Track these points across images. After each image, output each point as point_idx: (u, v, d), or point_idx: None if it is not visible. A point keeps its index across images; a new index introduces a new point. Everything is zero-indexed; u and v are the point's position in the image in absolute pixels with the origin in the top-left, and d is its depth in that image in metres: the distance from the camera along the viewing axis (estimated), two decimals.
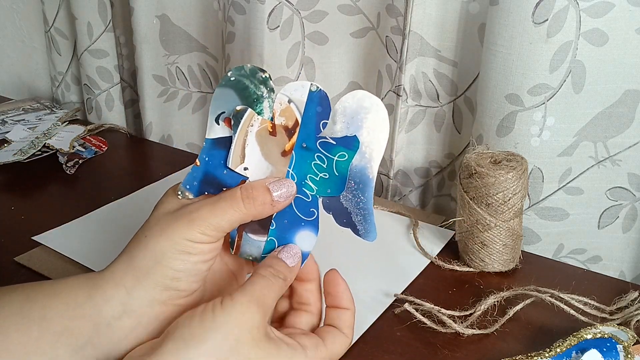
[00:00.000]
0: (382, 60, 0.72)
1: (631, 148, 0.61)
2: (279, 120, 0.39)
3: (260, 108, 0.39)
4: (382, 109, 0.38)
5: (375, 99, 0.38)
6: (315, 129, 0.39)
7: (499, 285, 0.54)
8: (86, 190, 0.75)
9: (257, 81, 0.39)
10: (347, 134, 0.38)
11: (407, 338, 0.48)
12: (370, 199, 0.39)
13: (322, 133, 0.39)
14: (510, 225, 0.55)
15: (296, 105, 0.39)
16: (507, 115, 0.60)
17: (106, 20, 0.90)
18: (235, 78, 0.39)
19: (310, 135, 0.39)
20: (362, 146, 0.38)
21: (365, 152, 0.38)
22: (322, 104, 0.39)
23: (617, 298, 0.51)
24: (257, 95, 0.39)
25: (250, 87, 0.39)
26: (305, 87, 0.38)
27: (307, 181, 0.39)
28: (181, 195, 0.39)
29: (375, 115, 0.38)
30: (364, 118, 0.38)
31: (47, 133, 0.85)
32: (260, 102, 0.39)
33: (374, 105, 0.38)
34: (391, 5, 0.68)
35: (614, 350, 0.42)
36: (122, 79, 0.97)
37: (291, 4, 0.73)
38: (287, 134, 0.39)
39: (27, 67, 1.10)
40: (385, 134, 0.38)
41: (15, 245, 0.60)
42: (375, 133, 0.38)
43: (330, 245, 0.52)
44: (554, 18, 0.55)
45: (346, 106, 0.38)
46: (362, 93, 0.38)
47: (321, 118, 0.39)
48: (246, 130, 0.39)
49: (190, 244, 0.36)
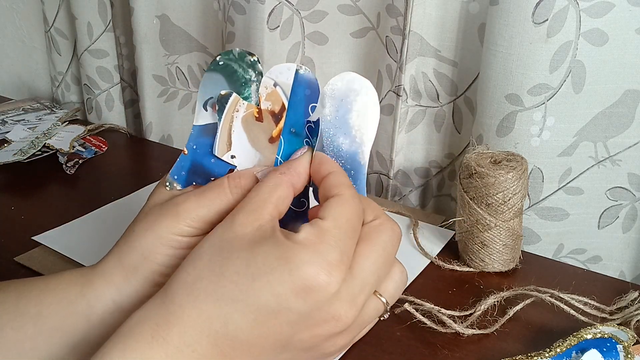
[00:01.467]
0: (382, 60, 0.72)
1: (631, 148, 0.61)
2: (265, 105, 0.37)
3: (248, 92, 0.37)
4: (372, 91, 0.36)
5: (365, 81, 0.36)
6: (303, 113, 0.37)
7: (499, 285, 0.54)
8: (86, 190, 0.75)
9: (245, 65, 0.37)
10: (336, 117, 0.36)
11: (407, 338, 0.48)
12: (363, 186, 0.37)
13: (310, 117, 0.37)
14: (510, 225, 0.55)
15: (282, 88, 0.37)
16: (507, 115, 0.60)
17: (106, 20, 0.90)
18: (224, 62, 0.37)
19: (299, 120, 0.37)
20: (352, 130, 0.36)
21: (356, 137, 0.36)
22: (311, 86, 0.37)
23: (617, 298, 0.51)
24: (245, 79, 0.37)
25: (238, 71, 0.37)
26: (291, 70, 0.37)
27: None
28: (169, 186, 0.38)
29: (365, 97, 0.36)
30: (354, 101, 0.36)
31: (47, 133, 0.85)
32: (248, 86, 0.37)
33: (363, 87, 0.36)
34: (391, 5, 0.68)
35: (614, 350, 0.42)
36: (122, 79, 0.97)
37: (291, 4, 0.73)
38: (273, 119, 0.37)
39: (27, 67, 1.10)
40: (376, 117, 0.36)
41: (15, 245, 0.60)
42: (365, 116, 0.36)
43: None
44: (554, 18, 0.55)
45: (335, 88, 0.37)
46: (352, 75, 0.36)
47: (310, 101, 0.37)
48: (232, 116, 0.37)
49: (177, 238, 0.35)
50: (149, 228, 0.35)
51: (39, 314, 0.35)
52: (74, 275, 0.37)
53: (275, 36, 0.73)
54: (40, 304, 0.35)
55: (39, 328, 0.34)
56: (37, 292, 0.36)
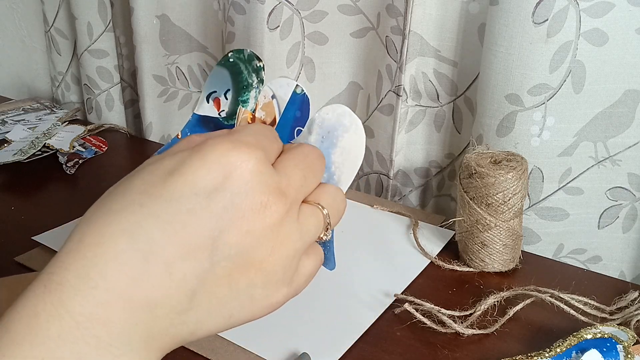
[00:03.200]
0: (382, 60, 0.72)
1: (631, 148, 0.61)
2: (259, 114, 0.37)
3: (247, 96, 0.37)
4: (361, 131, 0.35)
5: (356, 118, 0.35)
6: (289, 134, 0.36)
7: (499, 285, 0.54)
8: (86, 190, 0.75)
9: (251, 68, 0.37)
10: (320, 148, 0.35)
11: (407, 338, 0.48)
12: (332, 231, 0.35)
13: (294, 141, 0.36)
14: (510, 225, 0.55)
15: (278, 102, 0.37)
16: (507, 115, 0.60)
17: (106, 20, 0.90)
18: (234, 60, 0.37)
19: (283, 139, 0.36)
20: (332, 166, 0.35)
21: (334, 174, 0.35)
22: (302, 109, 0.36)
23: (617, 298, 0.51)
24: (247, 82, 0.37)
25: (244, 72, 0.37)
26: (290, 86, 0.36)
27: None
28: None
29: (353, 136, 0.35)
30: (340, 136, 0.35)
31: (47, 133, 0.85)
32: (248, 90, 0.37)
33: (353, 125, 0.34)
34: (391, 5, 0.68)
35: (614, 350, 0.42)
36: (122, 79, 0.97)
37: (291, 4, 0.73)
38: None
39: (27, 67, 1.10)
40: (359, 158, 0.35)
41: (15, 245, 0.60)
42: (349, 155, 0.35)
43: None
44: (554, 18, 0.55)
45: (325, 118, 0.35)
46: (344, 109, 0.35)
47: (297, 124, 0.36)
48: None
49: None
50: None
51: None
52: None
53: (275, 36, 0.73)
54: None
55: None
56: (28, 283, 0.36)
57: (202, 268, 0.25)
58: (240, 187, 0.26)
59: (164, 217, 0.24)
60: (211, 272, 0.25)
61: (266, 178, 0.26)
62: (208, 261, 0.25)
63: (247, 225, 0.26)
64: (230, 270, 0.26)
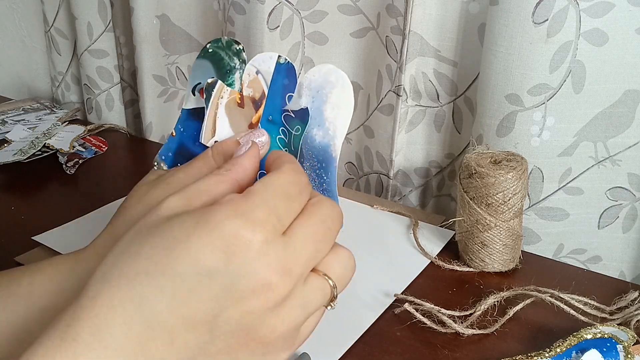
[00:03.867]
0: (382, 60, 0.72)
1: (631, 148, 0.61)
2: (247, 92, 0.38)
3: (232, 79, 0.38)
4: (348, 85, 0.36)
5: (342, 73, 0.36)
6: (281, 102, 0.38)
7: (499, 285, 0.54)
8: (86, 190, 0.75)
9: (231, 53, 0.38)
10: (311, 107, 0.37)
11: (407, 338, 0.48)
12: (334, 180, 0.38)
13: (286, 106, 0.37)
14: (510, 225, 0.55)
15: (264, 76, 0.38)
16: (507, 115, 0.60)
17: (106, 20, 0.90)
18: (213, 50, 0.38)
19: (276, 109, 0.38)
20: (325, 122, 0.37)
21: (329, 129, 0.37)
22: (289, 76, 0.37)
23: (617, 298, 0.51)
24: (230, 66, 0.38)
25: (225, 58, 0.38)
26: (273, 59, 0.37)
27: None
28: (157, 165, 0.39)
29: (341, 90, 0.36)
30: (329, 93, 0.37)
31: (47, 133, 0.85)
32: (233, 73, 0.38)
33: (339, 80, 0.36)
34: (391, 5, 0.68)
35: (614, 350, 0.42)
36: (122, 79, 0.97)
37: (291, 4, 0.73)
38: (254, 106, 0.38)
39: (27, 67, 1.10)
40: (350, 110, 0.36)
41: (15, 245, 0.60)
42: (339, 109, 0.36)
43: None
44: (554, 18, 0.55)
45: (312, 79, 0.37)
46: (329, 67, 0.37)
47: (287, 91, 0.37)
48: (217, 103, 0.38)
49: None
50: (140, 200, 0.36)
51: (30, 294, 0.34)
52: (65, 256, 0.37)
53: (275, 36, 0.73)
54: (32, 284, 0.35)
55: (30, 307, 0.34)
56: (29, 274, 0.36)
57: (203, 340, 0.27)
58: (242, 268, 0.26)
59: (168, 292, 0.26)
60: (212, 343, 0.27)
61: (271, 259, 0.27)
62: (209, 334, 0.27)
63: (247, 306, 0.27)
64: (231, 344, 0.27)
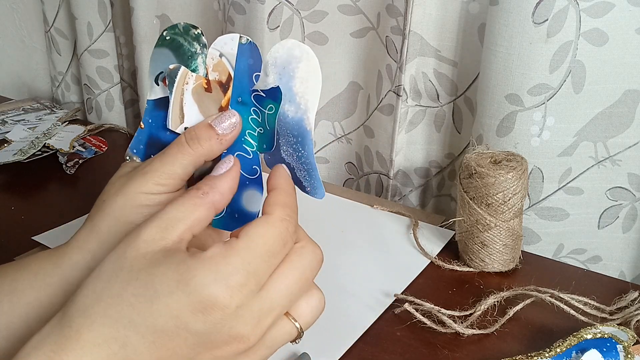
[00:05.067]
0: (382, 60, 0.72)
1: (631, 148, 0.61)
2: (212, 76, 0.38)
3: (195, 65, 0.38)
4: (313, 57, 0.36)
5: (305, 47, 0.36)
6: (248, 82, 0.37)
7: (499, 285, 0.54)
8: (86, 190, 0.75)
9: (190, 38, 0.38)
10: (279, 85, 0.37)
11: (407, 338, 0.48)
12: (311, 152, 0.37)
13: (255, 86, 0.37)
14: (510, 225, 0.55)
15: (228, 59, 0.38)
16: (507, 115, 0.60)
17: (106, 20, 0.90)
18: (170, 37, 0.39)
19: (245, 89, 0.37)
20: (296, 97, 0.36)
21: (300, 103, 0.36)
22: (253, 55, 0.37)
23: (617, 298, 0.51)
24: (191, 52, 0.38)
25: (184, 44, 0.38)
26: (234, 40, 0.37)
27: (246, 137, 0.38)
28: (129, 159, 0.39)
29: (307, 63, 0.36)
30: (296, 68, 0.36)
31: (47, 133, 0.85)
32: (195, 58, 0.38)
33: (304, 53, 0.36)
34: (391, 5, 0.68)
35: (614, 350, 0.42)
36: (122, 79, 0.97)
37: (291, 4, 0.73)
38: (222, 89, 0.38)
39: (27, 67, 1.10)
40: (318, 82, 0.36)
41: (15, 245, 0.60)
42: (308, 82, 0.36)
43: (330, 245, 0.52)
44: (554, 18, 0.55)
45: (277, 56, 0.37)
46: (292, 42, 0.36)
47: (253, 70, 0.37)
48: (182, 89, 0.38)
49: (145, 196, 0.35)
50: (118, 192, 0.36)
51: (14, 290, 0.35)
52: (48, 251, 0.37)
53: (275, 36, 0.73)
54: (15, 280, 0.35)
55: (14, 304, 0.34)
56: (13, 271, 0.36)
57: None
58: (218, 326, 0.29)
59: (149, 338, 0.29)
60: None
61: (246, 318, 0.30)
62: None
63: (220, 352, 0.30)
64: None
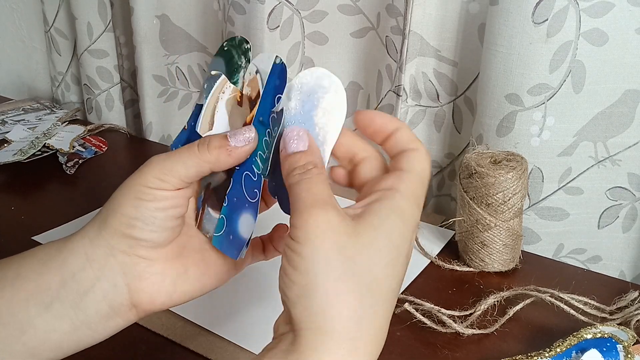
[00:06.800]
0: (382, 60, 0.72)
1: (631, 148, 0.61)
2: (246, 90, 0.38)
3: (237, 77, 0.39)
4: (341, 91, 0.35)
5: (335, 79, 0.35)
6: (270, 103, 0.36)
7: (499, 285, 0.54)
8: (86, 190, 0.75)
9: (240, 51, 0.39)
10: (301, 112, 0.36)
11: (407, 338, 0.48)
12: None
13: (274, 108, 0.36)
14: (510, 225, 0.55)
15: (262, 76, 0.37)
16: (507, 115, 0.60)
17: (106, 20, 0.90)
18: (227, 48, 0.39)
19: (266, 110, 0.37)
20: (315, 127, 0.35)
21: (319, 134, 0.35)
22: (281, 77, 0.36)
23: (617, 298, 0.51)
24: (237, 65, 0.39)
25: (235, 57, 0.39)
26: (271, 59, 0.37)
27: (256, 158, 0.37)
28: None
29: (334, 96, 0.35)
30: (321, 98, 0.35)
31: (47, 133, 0.85)
32: (239, 72, 0.38)
33: (333, 85, 0.35)
34: (391, 5, 0.68)
35: (614, 350, 0.42)
36: (122, 79, 0.97)
37: (291, 4, 0.73)
38: (250, 105, 0.37)
39: (27, 67, 1.10)
40: (342, 117, 0.35)
41: (15, 245, 0.60)
42: (331, 115, 0.35)
43: None
44: (554, 18, 0.55)
45: (303, 82, 0.36)
46: (321, 71, 0.35)
47: (277, 92, 0.36)
48: (217, 97, 0.38)
49: (142, 189, 0.36)
50: (123, 184, 0.37)
51: (18, 275, 0.35)
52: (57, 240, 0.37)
53: (275, 36, 0.73)
54: (21, 265, 0.35)
55: (16, 290, 0.35)
56: (19, 258, 0.36)
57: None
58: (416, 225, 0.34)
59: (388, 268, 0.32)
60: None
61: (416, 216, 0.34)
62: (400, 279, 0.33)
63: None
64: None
